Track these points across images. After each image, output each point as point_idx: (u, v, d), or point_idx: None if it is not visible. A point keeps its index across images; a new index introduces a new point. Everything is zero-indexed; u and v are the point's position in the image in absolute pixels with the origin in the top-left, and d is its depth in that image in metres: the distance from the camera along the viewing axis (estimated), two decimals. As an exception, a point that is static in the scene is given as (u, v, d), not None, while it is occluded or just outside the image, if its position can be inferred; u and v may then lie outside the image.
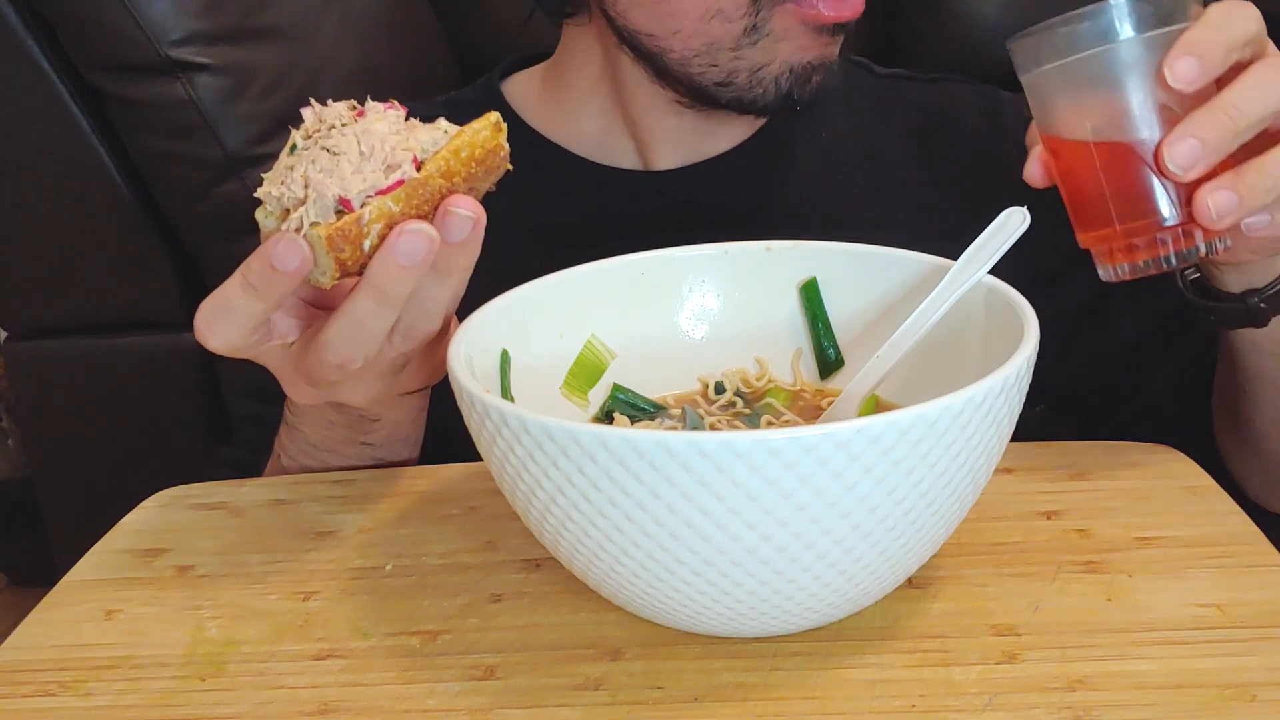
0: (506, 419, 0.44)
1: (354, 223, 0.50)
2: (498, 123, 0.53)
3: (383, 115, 0.53)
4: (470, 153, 0.52)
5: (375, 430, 0.66)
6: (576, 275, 0.60)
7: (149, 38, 1.18)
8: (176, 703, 0.49)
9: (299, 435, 0.68)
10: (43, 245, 1.32)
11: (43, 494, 1.46)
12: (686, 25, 0.74)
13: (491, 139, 0.53)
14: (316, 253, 0.50)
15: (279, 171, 0.52)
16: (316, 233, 0.50)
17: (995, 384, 0.44)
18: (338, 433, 0.66)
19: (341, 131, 0.52)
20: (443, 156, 0.52)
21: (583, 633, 0.51)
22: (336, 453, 0.67)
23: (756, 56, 0.74)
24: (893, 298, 0.60)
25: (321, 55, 1.34)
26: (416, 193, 0.51)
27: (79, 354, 1.38)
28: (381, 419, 0.65)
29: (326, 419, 0.66)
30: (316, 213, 0.50)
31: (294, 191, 0.51)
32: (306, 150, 0.52)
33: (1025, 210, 0.56)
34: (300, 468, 0.69)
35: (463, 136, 0.52)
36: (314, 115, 0.53)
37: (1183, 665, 0.46)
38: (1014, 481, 0.60)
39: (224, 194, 1.26)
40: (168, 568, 0.59)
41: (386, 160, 0.51)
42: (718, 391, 0.61)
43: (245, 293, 0.51)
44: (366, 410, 0.64)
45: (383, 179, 0.51)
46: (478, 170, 0.53)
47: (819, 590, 0.46)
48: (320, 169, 0.51)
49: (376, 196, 0.51)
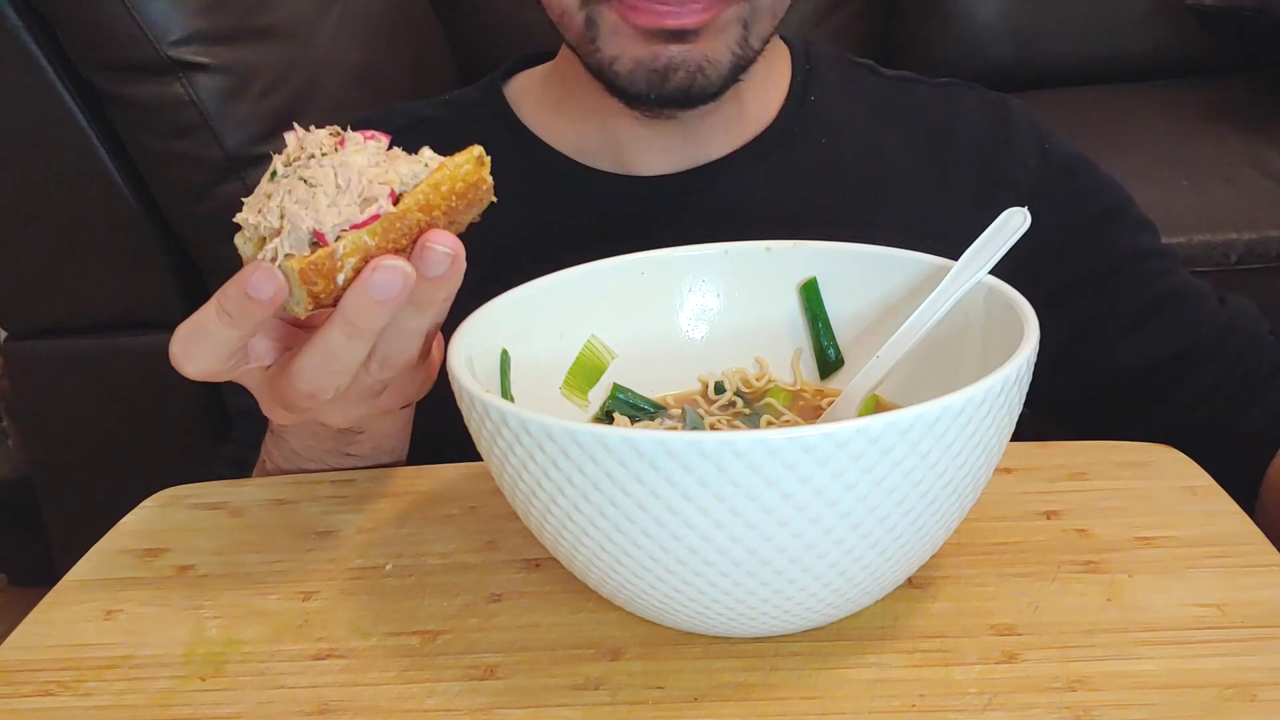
0: (506, 419, 0.44)
1: (328, 256, 0.50)
2: (480, 156, 0.52)
3: (362, 146, 0.52)
4: (451, 186, 0.51)
5: (358, 443, 0.66)
6: (576, 275, 0.60)
7: (149, 38, 1.18)
8: (176, 703, 0.49)
9: (284, 444, 0.68)
10: (43, 245, 1.32)
11: (43, 494, 1.46)
12: (553, 15, 0.76)
13: (474, 173, 0.52)
14: (291, 283, 0.50)
15: (258, 199, 0.52)
16: (290, 265, 0.50)
17: (995, 384, 0.44)
18: (322, 444, 0.66)
19: (319, 162, 0.51)
20: (422, 190, 0.51)
21: (583, 633, 0.51)
22: (321, 462, 0.67)
23: (607, 50, 0.73)
24: (893, 298, 0.60)
25: (321, 55, 1.34)
26: (393, 226, 0.50)
27: (79, 354, 1.38)
28: (365, 432, 0.65)
29: (310, 430, 0.65)
30: (291, 244, 0.50)
31: (270, 221, 0.50)
32: (285, 179, 0.51)
33: (1025, 211, 0.56)
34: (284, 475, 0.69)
35: (444, 170, 0.52)
36: (296, 141, 0.53)
37: (1183, 665, 0.46)
38: (1014, 481, 0.60)
39: (224, 194, 1.26)
40: (167, 568, 0.59)
41: (363, 194, 0.50)
42: (718, 391, 0.61)
43: (220, 320, 0.50)
44: (349, 426, 0.64)
45: (358, 213, 0.50)
46: (458, 204, 0.52)
47: (819, 590, 0.46)
48: (296, 200, 0.50)
49: (351, 230, 0.50)
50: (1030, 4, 1.87)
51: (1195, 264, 1.32)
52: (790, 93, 0.84)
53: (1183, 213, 1.37)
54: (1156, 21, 1.84)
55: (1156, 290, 0.80)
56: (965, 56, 1.86)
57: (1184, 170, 1.46)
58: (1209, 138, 1.57)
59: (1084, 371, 0.81)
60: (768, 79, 0.84)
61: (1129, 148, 1.51)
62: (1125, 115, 1.69)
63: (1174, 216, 1.32)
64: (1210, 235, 1.35)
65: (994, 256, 0.55)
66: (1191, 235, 1.35)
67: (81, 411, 1.41)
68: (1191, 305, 0.80)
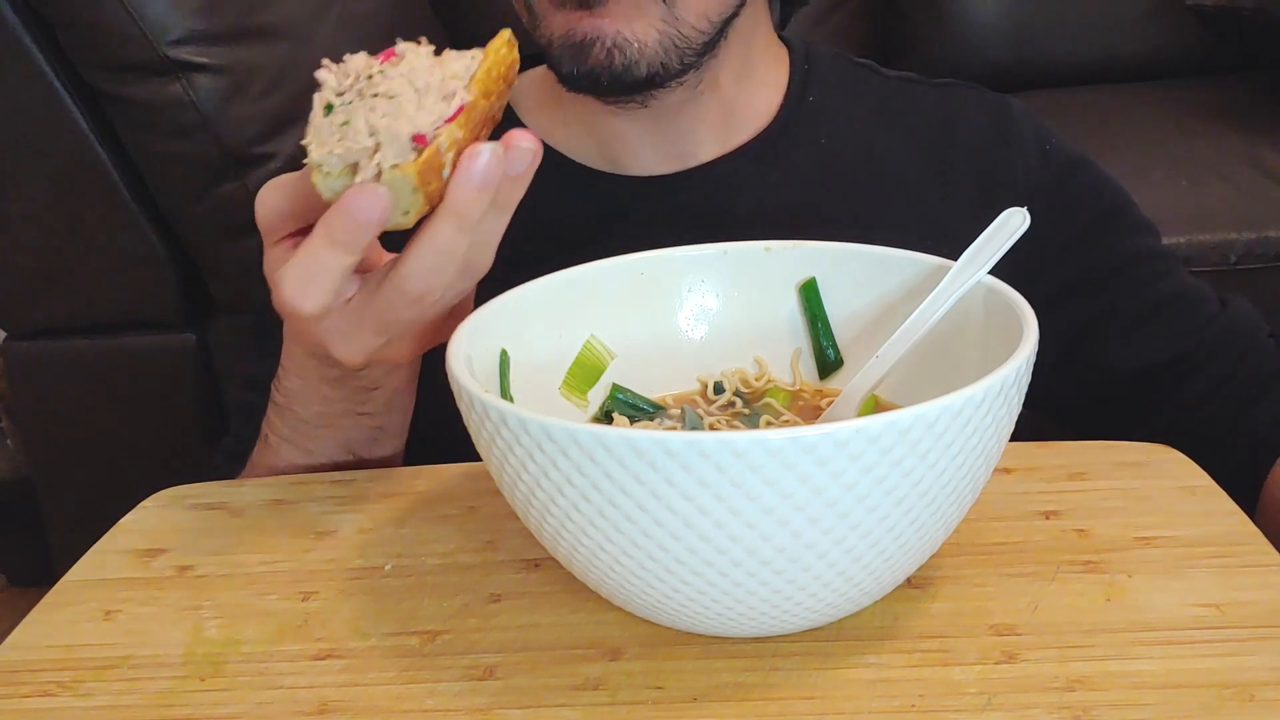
0: (506, 419, 0.44)
1: (435, 154, 0.51)
2: (510, 39, 0.54)
3: (418, 52, 0.54)
4: (499, 70, 0.54)
5: (372, 399, 0.66)
6: (576, 275, 0.60)
7: (148, 38, 1.18)
8: (176, 703, 0.49)
9: (290, 415, 0.68)
10: (43, 245, 1.32)
11: (42, 494, 1.46)
12: (515, 8, 0.76)
13: (509, 55, 0.54)
14: (399, 193, 0.51)
15: (326, 132, 0.52)
16: (404, 172, 0.51)
17: (995, 384, 0.44)
18: (334, 407, 0.67)
19: (386, 76, 0.53)
20: (479, 79, 0.53)
21: (582, 633, 0.51)
22: (332, 427, 0.68)
23: (544, 32, 0.74)
24: (893, 298, 0.60)
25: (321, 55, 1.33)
26: (472, 116, 0.52)
27: (79, 354, 1.38)
28: (380, 387, 0.66)
29: (322, 395, 0.66)
30: (395, 154, 0.51)
31: (360, 142, 0.51)
32: (352, 103, 0.52)
33: (1025, 211, 0.56)
34: (291, 448, 0.69)
35: (490, 56, 0.54)
36: (337, 72, 0.54)
37: (1182, 665, 0.46)
38: (1014, 481, 0.60)
39: (223, 194, 1.26)
40: (167, 568, 0.59)
41: (441, 91, 0.52)
42: (717, 392, 0.61)
43: (333, 251, 0.51)
44: (365, 379, 0.65)
45: (446, 108, 0.52)
46: (504, 88, 0.54)
47: (819, 590, 0.46)
48: (383, 114, 0.51)
49: (445, 125, 0.51)
50: (1030, 4, 1.87)
51: (1195, 264, 1.32)
52: (788, 93, 0.84)
53: (1183, 213, 1.37)
54: (1156, 21, 1.84)
55: (1157, 292, 0.80)
56: (965, 56, 1.86)
57: (1184, 170, 1.46)
58: (1209, 138, 1.57)
59: (1084, 373, 0.81)
60: (766, 80, 0.83)
61: (1129, 148, 1.51)
62: (1125, 115, 1.69)
63: (1174, 216, 1.32)
64: (1210, 235, 1.35)
65: (993, 256, 0.55)
66: (1191, 235, 1.35)
67: (81, 411, 1.41)
68: (1192, 307, 0.80)
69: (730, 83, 0.80)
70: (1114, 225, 0.82)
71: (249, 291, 1.25)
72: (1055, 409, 0.82)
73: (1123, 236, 0.82)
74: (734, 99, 0.81)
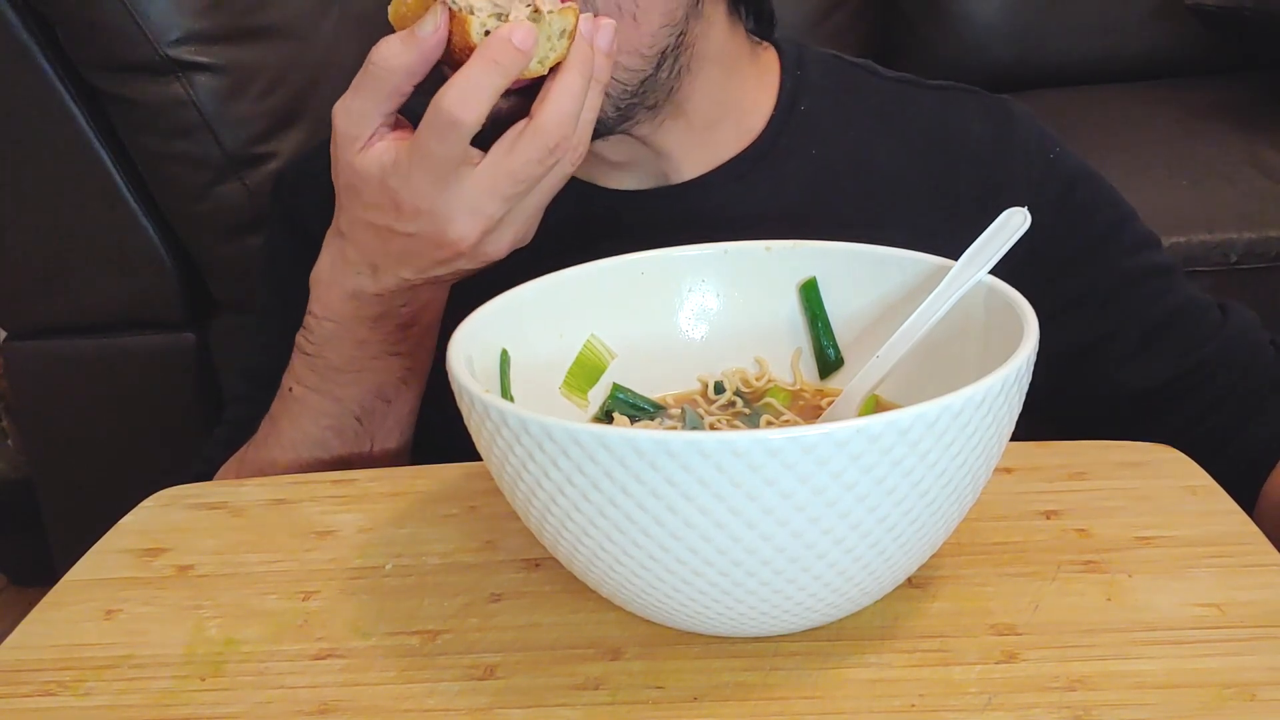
0: (506, 419, 0.44)
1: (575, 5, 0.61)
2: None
3: None
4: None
5: (408, 337, 0.70)
6: (576, 275, 0.60)
7: (148, 37, 1.18)
8: (176, 703, 0.49)
9: (320, 362, 0.71)
10: (43, 245, 1.31)
11: (43, 494, 1.46)
12: None
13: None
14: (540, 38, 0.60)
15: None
16: (564, 16, 0.60)
17: (995, 384, 0.44)
18: (369, 350, 0.70)
19: None
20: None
21: (582, 632, 0.51)
22: (365, 370, 0.71)
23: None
24: (893, 298, 0.60)
25: (321, 55, 1.33)
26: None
27: (79, 354, 1.38)
28: (417, 323, 0.70)
29: (357, 338, 0.70)
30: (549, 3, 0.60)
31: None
32: None
33: (1025, 211, 0.56)
34: (318, 397, 0.72)
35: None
36: None
37: (1182, 665, 0.46)
38: (1014, 481, 0.60)
39: (223, 194, 1.26)
40: (167, 567, 0.59)
41: None
42: (717, 391, 0.61)
43: (492, 71, 0.59)
44: (407, 310, 0.69)
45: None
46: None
47: (819, 590, 0.46)
48: None
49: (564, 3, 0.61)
50: (1030, 4, 1.87)
51: (1195, 264, 1.32)
52: (779, 103, 0.82)
53: (1183, 213, 1.37)
54: (1156, 21, 1.84)
55: (1158, 311, 0.79)
56: (965, 56, 1.86)
57: (1184, 170, 1.46)
58: (1209, 138, 1.57)
59: (1086, 392, 0.80)
60: (751, 93, 0.81)
61: (1129, 148, 1.51)
62: (1125, 115, 1.69)
63: (1174, 216, 1.32)
64: (1210, 235, 1.35)
65: (994, 256, 0.55)
66: (1191, 235, 1.34)
67: (81, 411, 1.41)
68: (1193, 324, 0.79)
69: (706, 106, 0.78)
70: (1113, 242, 0.81)
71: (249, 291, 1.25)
72: (1057, 423, 0.81)
73: (1125, 255, 0.81)
74: (713, 119, 0.79)
